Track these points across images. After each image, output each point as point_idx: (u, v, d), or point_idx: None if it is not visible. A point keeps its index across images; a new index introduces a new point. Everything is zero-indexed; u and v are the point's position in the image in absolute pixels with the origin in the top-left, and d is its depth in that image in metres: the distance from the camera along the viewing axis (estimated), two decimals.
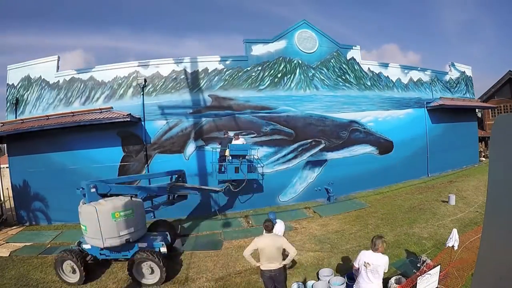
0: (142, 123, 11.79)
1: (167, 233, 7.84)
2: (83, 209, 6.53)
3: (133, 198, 7.03)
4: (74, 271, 6.60)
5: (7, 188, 12.94)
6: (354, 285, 4.62)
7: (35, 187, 11.88)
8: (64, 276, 6.68)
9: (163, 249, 6.95)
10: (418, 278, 4.80)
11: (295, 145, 13.22)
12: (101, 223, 6.30)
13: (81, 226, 6.72)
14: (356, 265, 4.52)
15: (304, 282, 6.04)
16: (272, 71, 13.08)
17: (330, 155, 13.89)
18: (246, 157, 10.58)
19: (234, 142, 10.87)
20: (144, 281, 6.47)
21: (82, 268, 6.43)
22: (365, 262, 4.32)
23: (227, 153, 10.28)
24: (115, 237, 6.47)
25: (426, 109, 16.82)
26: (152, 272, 6.45)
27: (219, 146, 11.33)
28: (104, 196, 6.79)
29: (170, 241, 7.84)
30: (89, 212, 6.39)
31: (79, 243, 7.12)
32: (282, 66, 13.25)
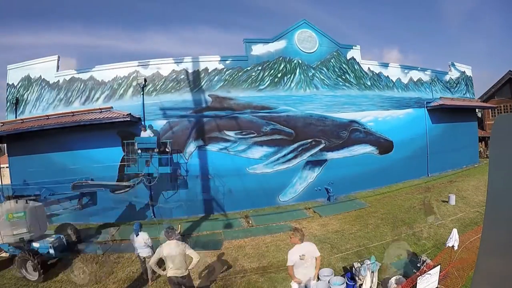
0: (142, 123, 11.79)
1: (61, 236, 8.17)
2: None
3: (29, 202, 7.64)
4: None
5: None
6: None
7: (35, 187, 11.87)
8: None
9: (51, 251, 7.53)
10: (418, 278, 4.81)
11: (295, 145, 13.22)
12: None
13: None
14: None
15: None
16: (272, 71, 13.08)
17: (330, 155, 13.89)
18: (155, 150, 10.61)
19: (142, 134, 10.84)
20: (29, 277, 7.04)
21: None
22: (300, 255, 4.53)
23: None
24: (9, 235, 7.27)
25: (426, 109, 16.82)
26: (35, 270, 7.02)
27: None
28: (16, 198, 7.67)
29: (65, 243, 8.17)
30: None
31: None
32: (282, 66, 13.25)
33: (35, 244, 7.56)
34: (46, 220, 8.14)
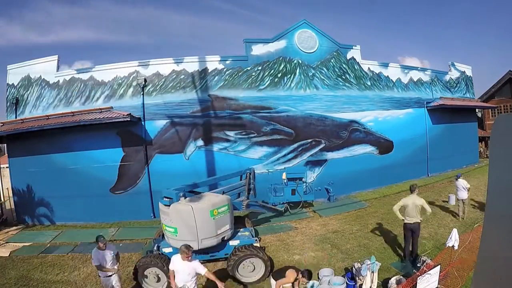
0: (142, 123, 11.79)
1: (251, 228, 7.59)
2: (174, 209, 5.94)
3: (224, 193, 6.87)
4: (159, 279, 5.92)
5: (7, 188, 12.94)
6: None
7: (35, 187, 11.88)
8: (146, 286, 5.94)
9: (257, 244, 6.58)
10: (418, 278, 4.81)
11: (295, 145, 13.22)
12: (197, 222, 5.78)
13: (167, 228, 6.17)
14: None
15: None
16: (272, 71, 13.08)
17: (330, 155, 13.89)
18: (302, 179, 11.01)
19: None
20: (245, 280, 6.10)
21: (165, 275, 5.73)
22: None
23: (284, 176, 10.82)
24: (212, 237, 5.99)
25: (426, 109, 16.82)
26: (254, 269, 6.11)
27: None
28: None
29: (254, 235, 7.40)
30: (184, 211, 5.82)
31: (158, 247, 6.51)
32: (282, 66, 13.25)
33: (233, 242, 6.50)
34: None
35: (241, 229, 7.42)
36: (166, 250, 6.36)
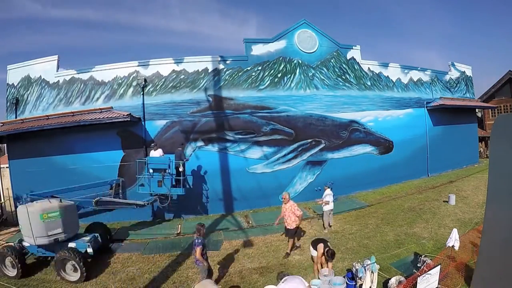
0: (142, 123, 11.80)
1: (96, 234, 7.98)
2: (18, 210, 7.32)
3: (63, 201, 7.48)
4: (13, 266, 7.04)
5: (7, 188, 12.93)
6: None
7: (36, 187, 11.84)
8: (5, 270, 7.13)
9: (89, 250, 7.28)
10: (418, 278, 4.81)
11: (295, 145, 13.22)
12: (31, 223, 6.83)
13: (20, 224, 7.31)
14: None
15: None
16: (272, 71, 13.08)
17: (330, 155, 13.89)
18: (167, 171, 9.89)
19: (152, 154, 10.43)
20: (67, 277, 6.84)
21: (19, 264, 6.92)
22: None
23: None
24: (44, 236, 6.94)
25: (426, 109, 16.83)
26: (75, 270, 6.80)
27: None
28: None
29: (101, 242, 7.95)
30: (21, 212, 7.01)
31: (20, 241, 7.56)
32: (282, 66, 13.25)
33: (71, 244, 7.23)
34: (77, 219, 7.87)
35: (86, 234, 7.96)
36: (25, 244, 7.43)
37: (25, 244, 7.41)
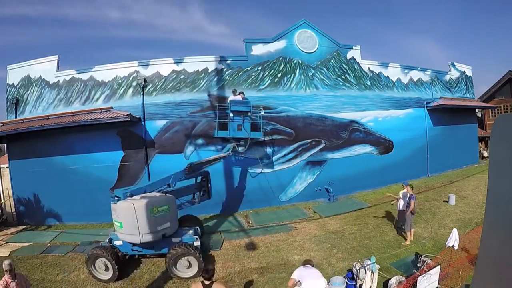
0: (142, 123, 11.79)
1: (197, 227, 7.82)
2: (119, 206, 6.63)
3: (167, 195, 7.19)
4: (107, 268, 6.60)
5: (7, 188, 12.93)
6: None
7: (35, 187, 11.88)
8: (97, 273, 6.67)
9: (197, 243, 6.97)
10: (418, 278, 4.81)
11: (295, 145, 13.21)
12: (138, 218, 6.34)
13: (115, 223, 6.82)
14: None
15: None
16: (272, 71, 13.07)
17: (330, 155, 13.89)
18: (249, 113, 10.19)
19: (232, 97, 10.40)
20: (181, 274, 6.55)
21: (115, 265, 6.47)
22: None
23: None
24: (152, 232, 6.51)
25: (426, 109, 16.82)
26: (190, 266, 6.54)
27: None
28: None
29: (201, 235, 7.81)
30: (126, 208, 6.44)
31: (110, 240, 7.18)
32: (282, 66, 13.25)
33: (175, 239, 7.00)
34: (178, 213, 7.64)
35: (186, 227, 7.79)
36: (117, 243, 7.02)
37: (117, 243, 7.03)
